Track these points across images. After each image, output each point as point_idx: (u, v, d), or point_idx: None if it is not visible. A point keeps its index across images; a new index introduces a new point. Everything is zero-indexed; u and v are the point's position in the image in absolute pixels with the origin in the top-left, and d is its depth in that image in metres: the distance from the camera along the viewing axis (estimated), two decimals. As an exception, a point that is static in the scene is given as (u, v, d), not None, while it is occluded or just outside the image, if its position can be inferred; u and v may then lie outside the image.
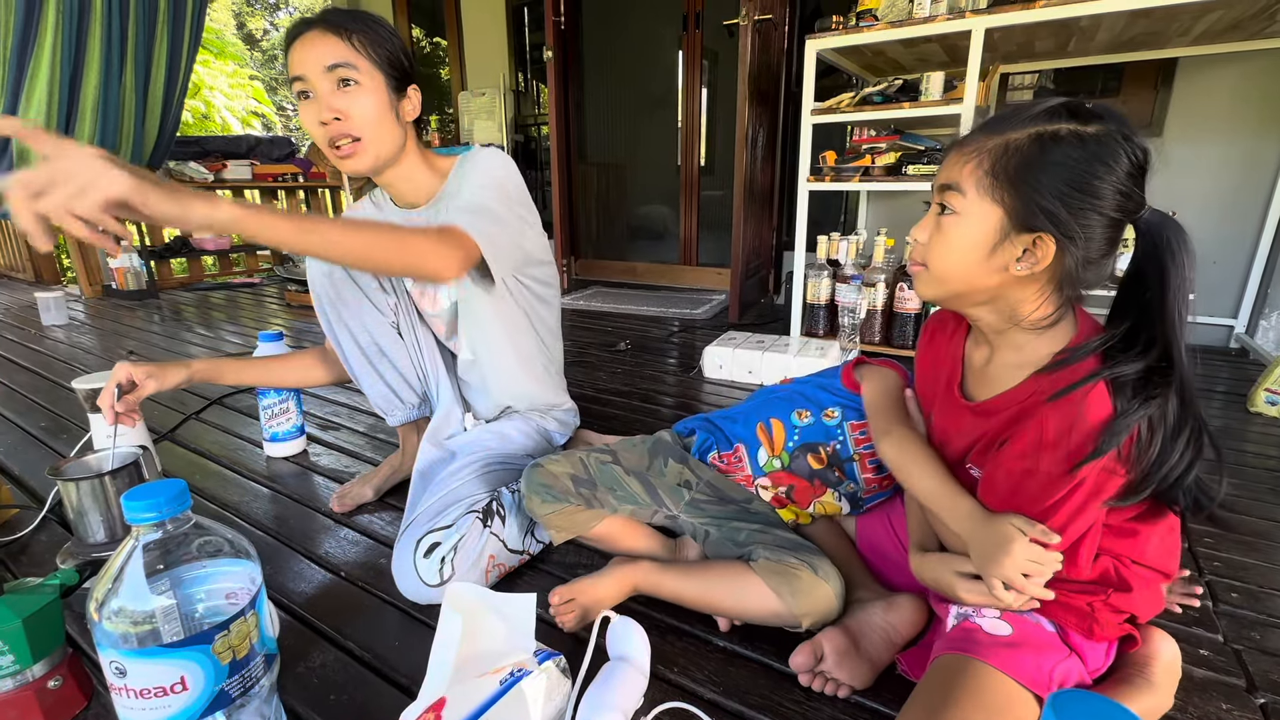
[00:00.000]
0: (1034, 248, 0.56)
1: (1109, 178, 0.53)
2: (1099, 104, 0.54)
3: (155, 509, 0.49)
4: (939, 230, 0.59)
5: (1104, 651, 0.63)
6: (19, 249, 3.99)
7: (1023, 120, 0.55)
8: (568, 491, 0.88)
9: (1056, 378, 0.56)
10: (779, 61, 2.74)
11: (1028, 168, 0.54)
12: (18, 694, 0.64)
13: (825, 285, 2.16)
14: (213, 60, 7.81)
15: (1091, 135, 0.53)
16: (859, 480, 0.87)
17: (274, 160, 4.12)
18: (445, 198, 0.98)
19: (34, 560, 0.98)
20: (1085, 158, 0.53)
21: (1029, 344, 0.61)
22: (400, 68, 0.90)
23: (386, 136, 0.90)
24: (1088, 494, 0.55)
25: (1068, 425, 0.54)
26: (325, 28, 0.85)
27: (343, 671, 0.75)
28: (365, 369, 1.08)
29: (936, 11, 1.75)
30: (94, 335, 2.54)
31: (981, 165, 0.56)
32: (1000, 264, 0.57)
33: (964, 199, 0.57)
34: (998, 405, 0.62)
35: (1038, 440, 0.55)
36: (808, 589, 0.76)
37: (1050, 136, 0.54)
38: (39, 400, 1.73)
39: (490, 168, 0.95)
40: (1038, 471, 0.56)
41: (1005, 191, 0.55)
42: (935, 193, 0.60)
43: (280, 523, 1.10)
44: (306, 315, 2.96)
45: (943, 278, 0.61)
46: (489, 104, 3.75)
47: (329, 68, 0.84)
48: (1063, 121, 0.54)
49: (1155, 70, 2.15)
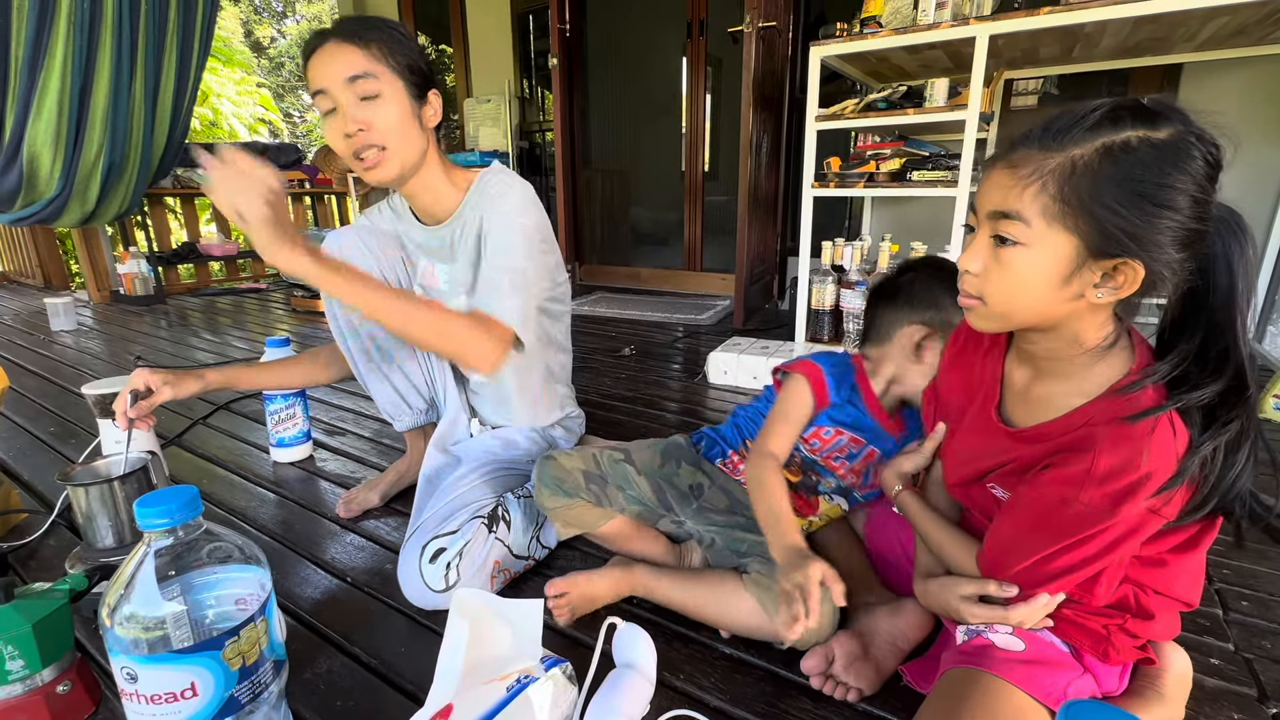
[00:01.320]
0: (1114, 273, 0.50)
1: (1189, 186, 0.47)
2: (1156, 101, 0.48)
3: (167, 515, 0.50)
4: (999, 263, 0.53)
5: (1119, 675, 0.63)
6: (29, 255, 4.02)
7: (1083, 132, 0.48)
8: (579, 487, 0.88)
9: (1117, 407, 0.52)
10: (783, 67, 2.75)
11: (1101, 188, 0.47)
12: (27, 699, 0.64)
13: (830, 291, 2.16)
14: (220, 68, 7.88)
15: (1165, 141, 0.47)
16: (836, 477, 0.88)
17: (281, 166, 4.14)
18: (465, 220, 0.98)
19: (43, 565, 0.99)
20: (1163, 168, 0.47)
21: (1084, 370, 0.56)
22: (420, 73, 0.89)
23: (411, 144, 0.89)
24: (1121, 534, 0.52)
25: (1121, 464, 0.50)
26: (343, 38, 0.84)
27: (349, 678, 0.75)
28: (374, 374, 1.08)
29: (940, 18, 1.76)
30: (102, 340, 2.56)
31: (1046, 190, 0.49)
32: (1074, 292, 0.51)
33: (1028, 229, 0.50)
34: (1046, 433, 0.57)
35: (1085, 473, 0.51)
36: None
37: (1121, 148, 0.47)
38: (48, 405, 1.74)
39: (515, 213, 0.93)
40: (1076, 503, 0.52)
41: (1078, 218, 0.48)
42: (985, 219, 0.53)
43: (286, 528, 1.10)
44: (312, 320, 2.97)
45: (1007, 315, 0.55)
46: (494, 110, 3.77)
47: (350, 79, 0.83)
48: (1129, 128, 0.47)
49: (1160, 75, 2.15)
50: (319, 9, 14.44)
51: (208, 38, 2.87)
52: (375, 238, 1.04)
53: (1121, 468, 0.50)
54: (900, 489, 0.74)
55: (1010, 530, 0.59)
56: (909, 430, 0.87)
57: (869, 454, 0.87)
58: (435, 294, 1.07)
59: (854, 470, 0.88)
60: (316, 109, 0.87)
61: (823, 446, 0.87)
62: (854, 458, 0.87)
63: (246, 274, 4.20)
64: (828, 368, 0.87)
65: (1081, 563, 0.55)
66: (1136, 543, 0.54)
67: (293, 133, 13.19)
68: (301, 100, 14.38)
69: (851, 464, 0.88)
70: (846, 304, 2.06)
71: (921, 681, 0.69)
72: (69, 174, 2.62)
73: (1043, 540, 0.56)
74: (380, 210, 1.09)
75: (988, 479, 0.65)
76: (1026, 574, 0.58)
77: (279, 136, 10.74)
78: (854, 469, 0.88)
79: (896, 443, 0.86)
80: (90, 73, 2.49)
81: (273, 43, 14.32)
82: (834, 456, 0.88)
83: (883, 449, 0.86)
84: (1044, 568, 0.56)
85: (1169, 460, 0.50)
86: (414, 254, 1.07)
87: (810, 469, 0.89)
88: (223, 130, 7.61)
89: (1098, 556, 0.54)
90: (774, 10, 2.48)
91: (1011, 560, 0.58)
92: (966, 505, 0.71)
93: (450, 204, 0.99)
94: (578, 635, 0.82)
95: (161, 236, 3.65)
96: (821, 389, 0.85)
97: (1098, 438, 0.52)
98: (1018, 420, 0.62)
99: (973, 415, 0.68)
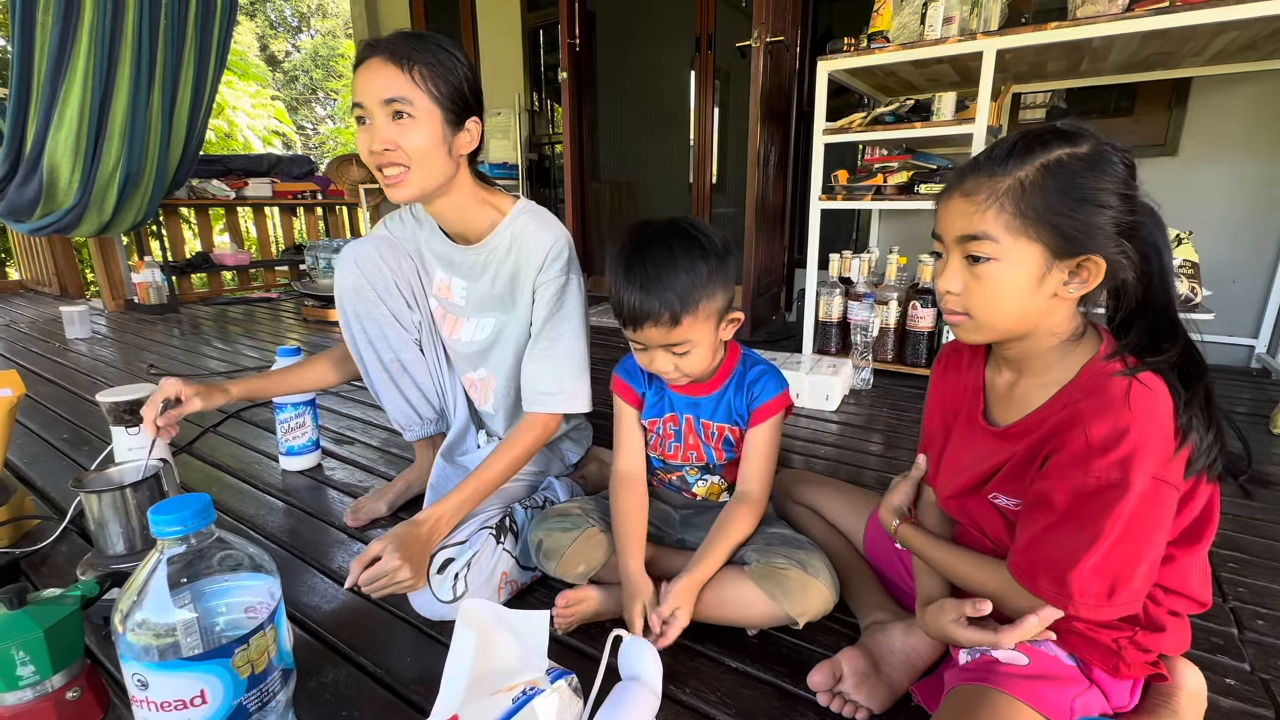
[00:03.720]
0: (1079, 270, 0.57)
1: (1117, 185, 0.55)
2: (1069, 123, 0.58)
3: (181, 523, 0.50)
4: (978, 279, 0.59)
5: (1129, 690, 0.62)
6: (46, 263, 4.09)
7: (1019, 157, 0.56)
8: (582, 517, 0.90)
9: (1093, 383, 0.57)
10: (791, 82, 2.77)
11: (1050, 199, 0.55)
12: (37, 704, 0.64)
13: (837, 303, 2.16)
14: (236, 81, 8.02)
15: (1089, 154, 0.56)
16: (683, 465, 0.95)
17: (294, 178, 4.21)
18: (495, 249, 0.98)
19: (54, 570, 1.00)
20: (1094, 175, 0.55)
21: (1057, 362, 0.61)
22: (461, 100, 0.88)
23: (434, 170, 0.88)
24: (1142, 509, 0.53)
25: (1112, 427, 0.53)
26: (388, 57, 0.83)
27: (355, 688, 0.75)
28: (387, 385, 1.09)
29: (948, 33, 1.77)
30: (116, 349, 2.59)
31: (1005, 209, 0.56)
32: (1048, 292, 0.58)
33: (998, 245, 0.57)
34: (1029, 425, 0.61)
35: (1085, 447, 0.54)
36: (799, 588, 0.77)
37: (1056, 164, 0.55)
38: (61, 412, 1.76)
39: (560, 268, 0.96)
40: (1089, 479, 0.54)
41: (1039, 227, 0.56)
42: (953, 244, 0.60)
43: (294, 536, 1.10)
44: (322, 330, 3.00)
45: (994, 323, 0.61)
46: (504, 123, 3.82)
47: (385, 101, 0.84)
48: (1057, 148, 0.56)
49: (1169, 90, 2.14)
50: (333, 24, 14.71)
51: (224, 52, 2.93)
52: (391, 249, 1.05)
53: (1115, 431, 0.53)
54: (898, 523, 0.75)
55: (1039, 530, 0.58)
56: (724, 383, 0.90)
57: (687, 421, 0.92)
58: (449, 307, 1.07)
59: (691, 446, 0.92)
60: (353, 114, 0.88)
61: (657, 443, 0.94)
62: (679, 435, 0.92)
63: (258, 283, 4.25)
64: (622, 372, 0.96)
65: (1116, 552, 0.54)
66: (1161, 523, 0.55)
67: (305, 145, 13.38)
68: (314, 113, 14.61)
69: (682, 442, 0.92)
70: (854, 316, 2.06)
71: (929, 700, 0.69)
72: (87, 184, 2.68)
73: (1072, 529, 0.55)
74: (401, 219, 1.09)
75: (986, 488, 0.65)
76: (1073, 581, 0.55)
77: (292, 148, 10.90)
78: (690, 445, 0.92)
79: (710, 397, 0.90)
80: (110, 85, 2.54)
81: (287, 56, 14.58)
82: (667, 446, 0.93)
83: (699, 414, 0.91)
84: (1084, 570, 0.54)
85: (1154, 418, 0.54)
86: (431, 264, 1.07)
87: (661, 470, 0.97)
88: (237, 142, 7.74)
89: (1128, 541, 0.54)
90: (782, 25, 2.50)
91: (1048, 560, 0.57)
92: (959, 519, 0.72)
93: (481, 227, 0.99)
94: (583, 647, 0.82)
95: (176, 246, 3.70)
96: (628, 393, 0.94)
97: (1082, 411, 0.56)
98: (1003, 421, 0.66)
99: (960, 426, 0.71)
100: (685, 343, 0.81)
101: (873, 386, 1.98)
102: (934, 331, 1.99)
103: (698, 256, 0.78)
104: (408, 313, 1.06)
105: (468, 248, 1.00)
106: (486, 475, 0.92)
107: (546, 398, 0.96)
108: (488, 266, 0.99)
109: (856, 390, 1.96)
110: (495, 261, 0.98)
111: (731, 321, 0.85)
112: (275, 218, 4.39)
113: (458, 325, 1.07)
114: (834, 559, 0.88)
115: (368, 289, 1.02)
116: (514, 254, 0.97)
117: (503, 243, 0.97)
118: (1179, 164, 2.17)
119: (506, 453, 0.94)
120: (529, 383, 0.97)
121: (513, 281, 0.98)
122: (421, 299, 1.08)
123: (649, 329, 0.79)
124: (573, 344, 0.97)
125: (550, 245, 0.95)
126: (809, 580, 0.77)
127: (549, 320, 0.96)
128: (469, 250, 1.00)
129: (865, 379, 1.97)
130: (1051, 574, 0.56)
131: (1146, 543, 0.54)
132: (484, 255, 0.99)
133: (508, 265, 0.98)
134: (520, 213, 0.98)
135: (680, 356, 0.82)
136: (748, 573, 0.80)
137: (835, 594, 0.79)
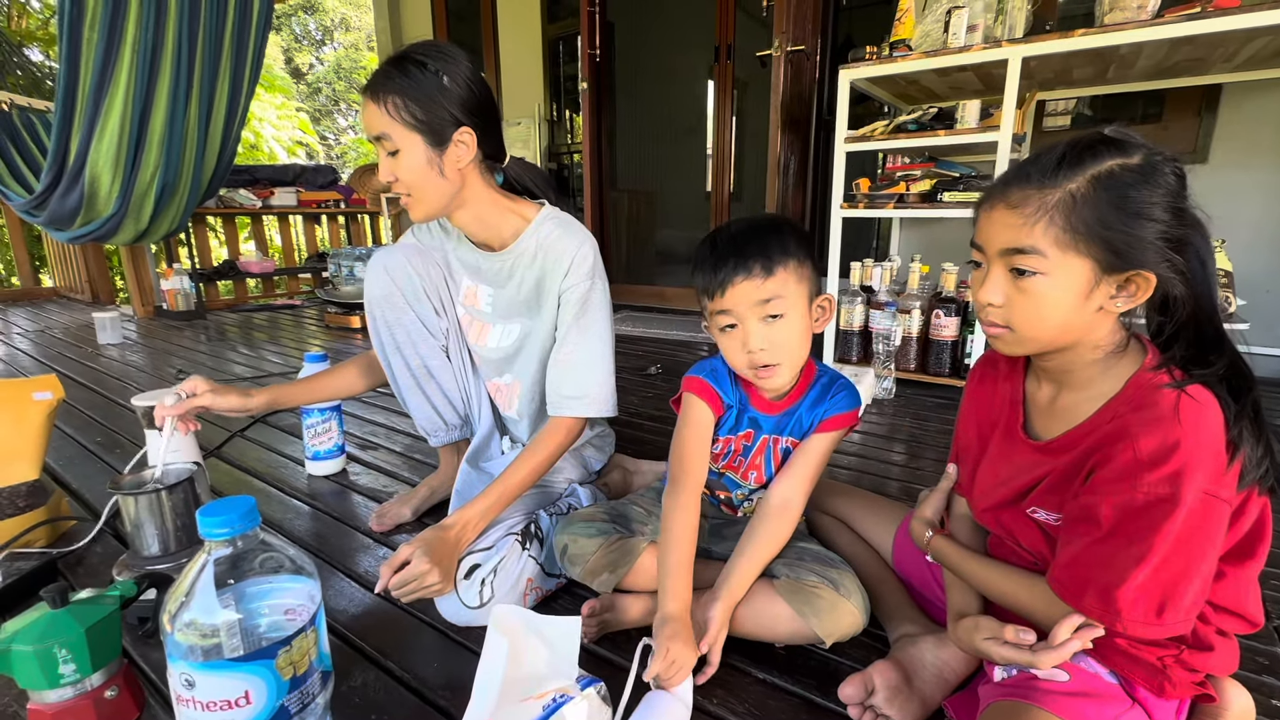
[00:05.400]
0: (1127, 284, 0.56)
1: (1169, 198, 0.54)
2: (1118, 131, 0.56)
3: (229, 525, 0.51)
4: (1023, 293, 0.57)
5: (1174, 711, 0.60)
6: (79, 271, 4.20)
7: (1070, 167, 0.55)
8: (609, 521, 0.90)
9: (1140, 395, 0.55)
10: (811, 90, 2.77)
11: (1103, 213, 0.54)
12: (76, 702, 0.65)
13: (859, 311, 2.15)
14: (262, 93, 8.22)
15: (1141, 165, 0.54)
16: (742, 483, 0.91)
17: (318, 187, 4.30)
18: (520, 255, 0.99)
19: (89, 571, 1.02)
20: (1146, 186, 0.53)
21: (1100, 375, 0.60)
22: (440, 117, 0.88)
23: (431, 192, 0.92)
24: (1193, 526, 0.51)
25: (1162, 441, 0.52)
26: (369, 95, 0.88)
27: (384, 693, 0.75)
28: (414, 391, 1.10)
29: (972, 41, 1.76)
30: (146, 354, 2.65)
31: (1055, 223, 0.55)
32: (1094, 306, 0.57)
33: (1046, 259, 0.55)
34: (1073, 439, 0.60)
35: (1133, 460, 0.53)
36: (829, 608, 0.76)
37: (1108, 175, 0.54)
38: (95, 416, 1.80)
39: (584, 273, 0.97)
40: (1138, 494, 0.52)
41: (1089, 242, 0.54)
42: (996, 256, 0.58)
43: (320, 540, 1.12)
44: (345, 336, 3.04)
45: (1036, 336, 0.59)
46: (524, 133, 3.86)
47: (375, 139, 0.90)
48: (1108, 158, 0.54)
49: (1199, 96, 2.11)
50: (356, 36, 15.01)
51: (258, 65, 3.01)
52: (420, 257, 1.06)
53: (1164, 445, 0.52)
54: (931, 535, 0.74)
55: (1084, 546, 0.56)
56: (801, 397, 0.87)
57: (761, 443, 0.88)
58: (476, 314, 1.09)
59: (754, 465, 0.89)
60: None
61: (720, 455, 0.90)
62: (749, 452, 0.89)
63: (282, 291, 4.32)
64: (707, 375, 0.87)
65: (1166, 569, 0.52)
66: (1213, 539, 0.53)
67: (328, 155, 13.64)
68: (337, 124, 14.88)
69: (748, 459, 0.89)
70: (876, 325, 2.04)
71: (964, 715, 0.67)
72: (126, 194, 2.76)
73: (1120, 545, 0.54)
74: (429, 229, 1.11)
75: (1025, 501, 0.64)
76: (1120, 599, 0.54)
77: (315, 158, 11.11)
78: (754, 464, 0.89)
79: (785, 413, 0.87)
80: (150, 97, 2.62)
81: (311, 69, 14.89)
82: (733, 461, 0.90)
83: (769, 431, 0.88)
84: (1132, 587, 0.53)
85: (1205, 431, 0.52)
86: (458, 272, 1.09)
87: (718, 486, 0.93)
88: (263, 152, 7.92)
89: (1179, 558, 0.52)
90: (802, 35, 2.51)
91: (1095, 577, 0.55)
92: (995, 531, 0.70)
93: (506, 234, 1.00)
94: (611, 656, 0.81)
95: (203, 254, 3.79)
96: (711, 396, 0.87)
97: (1130, 425, 0.54)
98: (1044, 434, 0.64)
99: (998, 439, 0.69)
100: (777, 300, 0.75)
101: (895, 396, 1.96)
102: (957, 341, 1.96)
103: (785, 229, 0.78)
104: (435, 319, 1.08)
105: (494, 254, 1.01)
106: (512, 480, 0.92)
107: (572, 401, 0.96)
108: (514, 273, 1.00)
109: (879, 400, 1.94)
110: (521, 268, 0.99)
111: (822, 306, 0.81)
112: (299, 226, 4.48)
113: (484, 331, 1.08)
114: (861, 569, 0.87)
115: (397, 295, 1.04)
116: (539, 260, 0.98)
117: (528, 249, 0.98)
118: (1209, 171, 2.13)
119: (531, 457, 0.94)
120: (553, 387, 0.98)
121: (538, 287, 0.99)
122: (449, 306, 1.10)
123: (740, 283, 0.74)
124: (597, 348, 0.98)
125: (575, 251, 0.96)
126: (840, 601, 0.76)
127: (574, 325, 0.97)
128: (495, 257, 1.01)
129: (888, 388, 1.95)
130: (1098, 591, 0.55)
131: (1198, 560, 0.53)
132: (510, 261, 1.00)
133: (533, 271, 0.99)
134: (545, 219, 0.99)
135: (772, 325, 0.76)
136: (777, 587, 0.79)
137: (866, 617, 0.77)
